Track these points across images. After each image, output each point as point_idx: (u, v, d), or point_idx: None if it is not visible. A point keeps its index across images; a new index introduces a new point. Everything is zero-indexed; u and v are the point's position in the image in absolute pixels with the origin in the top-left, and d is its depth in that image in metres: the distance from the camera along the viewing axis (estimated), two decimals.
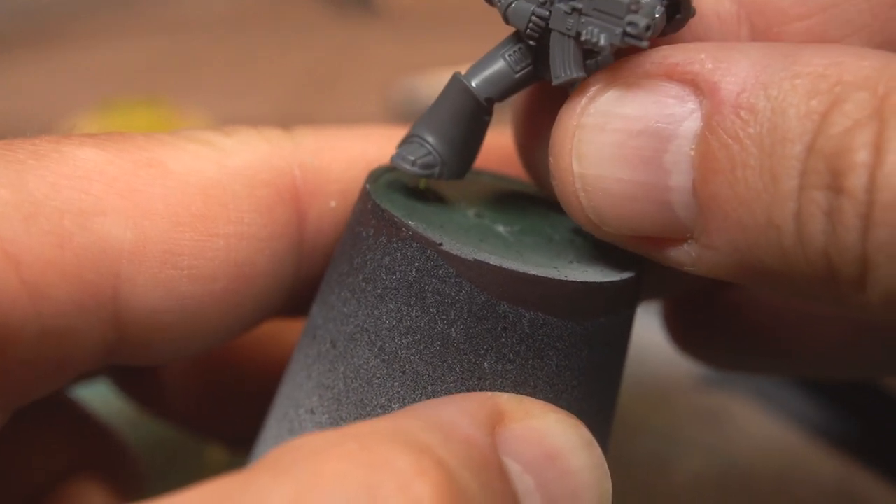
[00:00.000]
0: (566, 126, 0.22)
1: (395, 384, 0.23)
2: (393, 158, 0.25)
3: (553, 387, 0.23)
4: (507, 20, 0.24)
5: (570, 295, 0.22)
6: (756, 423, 0.41)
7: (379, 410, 0.23)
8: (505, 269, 0.22)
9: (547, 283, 0.22)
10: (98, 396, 0.32)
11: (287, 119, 0.80)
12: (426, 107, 0.26)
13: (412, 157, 0.25)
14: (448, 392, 0.22)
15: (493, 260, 0.22)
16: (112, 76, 0.78)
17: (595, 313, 0.23)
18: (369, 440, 0.18)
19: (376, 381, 0.23)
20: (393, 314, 0.23)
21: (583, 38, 0.22)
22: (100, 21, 0.87)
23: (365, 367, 0.23)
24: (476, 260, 0.22)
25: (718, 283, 0.24)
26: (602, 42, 0.22)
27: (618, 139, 0.22)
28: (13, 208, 0.21)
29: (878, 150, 0.18)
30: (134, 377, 0.31)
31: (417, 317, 0.22)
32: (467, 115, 0.25)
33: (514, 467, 0.20)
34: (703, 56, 0.21)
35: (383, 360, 0.23)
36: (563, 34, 0.22)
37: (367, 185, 0.24)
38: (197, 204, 0.24)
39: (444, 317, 0.22)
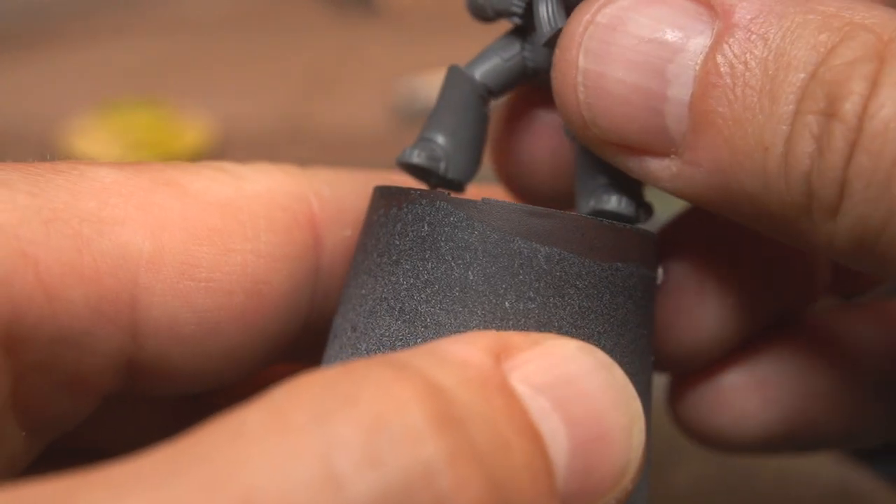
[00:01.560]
0: (580, 20, 0.23)
1: (419, 341, 0.22)
2: (398, 158, 0.25)
3: (578, 329, 0.23)
4: (493, 11, 0.25)
5: (581, 229, 0.23)
6: None
7: None
8: (514, 205, 0.22)
9: (557, 217, 0.22)
10: None
11: (287, 119, 0.80)
12: (426, 107, 0.27)
13: (417, 151, 0.25)
14: None
15: (502, 201, 0.22)
16: (112, 76, 0.78)
17: (610, 255, 0.23)
18: (351, 365, 0.18)
19: (399, 343, 0.23)
20: (409, 273, 0.23)
21: None
22: (100, 21, 0.87)
23: (387, 334, 0.23)
24: (485, 199, 0.22)
25: None
26: None
27: (627, 42, 0.22)
28: (33, 212, 0.22)
29: (874, 83, 0.19)
30: None
31: (433, 268, 0.23)
32: (467, 105, 0.26)
33: (524, 390, 0.19)
34: None
35: (404, 321, 0.23)
36: None
37: (373, 189, 0.25)
38: (214, 219, 0.24)
39: (459, 262, 0.22)
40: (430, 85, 0.68)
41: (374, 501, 0.16)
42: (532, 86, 0.27)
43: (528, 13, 0.25)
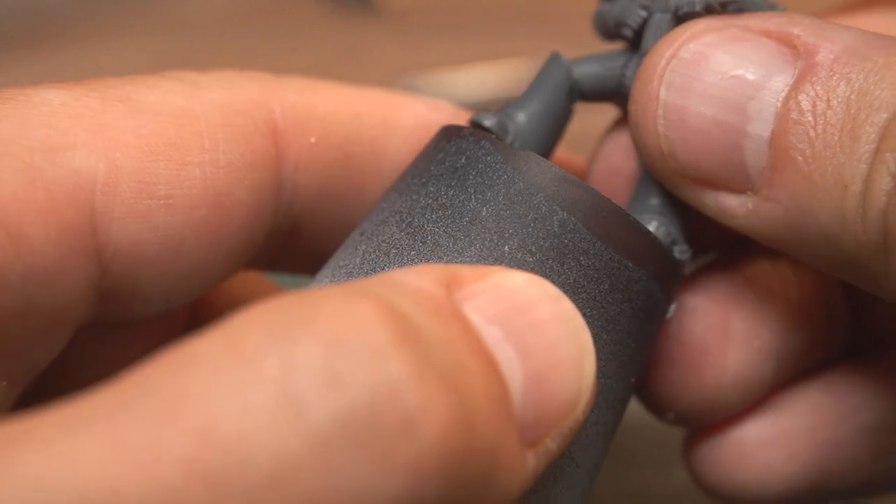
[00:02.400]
0: (662, 54, 0.23)
1: (413, 253, 0.23)
2: (472, 117, 0.26)
3: None
4: (613, 22, 0.26)
5: (605, 211, 0.23)
6: None
7: None
8: (552, 167, 0.23)
9: (586, 189, 0.23)
10: None
11: None
12: None
13: (491, 115, 0.26)
14: None
15: (543, 159, 0.23)
16: (113, 76, 0.78)
17: (624, 249, 0.23)
18: (306, 291, 0.17)
19: (394, 251, 0.23)
20: (431, 194, 0.23)
21: (681, 11, 0.24)
22: (101, 21, 0.87)
23: (386, 241, 0.23)
24: (527, 151, 0.23)
25: None
26: (697, 8, 0.24)
27: (710, 77, 0.22)
28: None
29: None
30: None
31: (454, 195, 0.23)
32: (554, 94, 0.26)
33: (476, 319, 0.19)
34: (806, 22, 0.22)
35: (408, 233, 0.23)
36: (662, 13, 0.25)
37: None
38: (169, 133, 0.24)
39: (479, 196, 0.23)
40: (430, 85, 0.68)
41: (337, 424, 0.15)
42: (618, 107, 0.27)
43: (641, 34, 0.25)
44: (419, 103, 0.29)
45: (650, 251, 0.24)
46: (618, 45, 0.27)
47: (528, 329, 0.19)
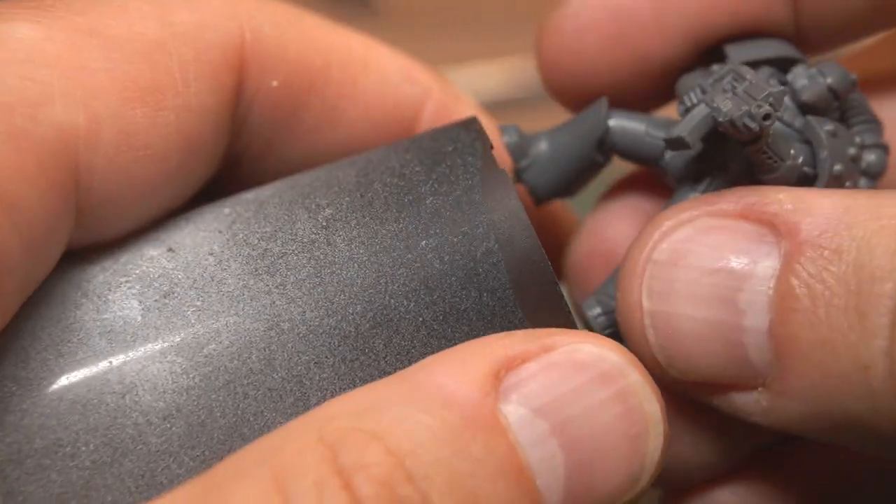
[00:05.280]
0: (636, 259, 0.22)
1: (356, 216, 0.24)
2: (503, 125, 0.26)
3: None
4: (680, 91, 0.25)
5: (533, 265, 0.22)
6: None
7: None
8: (514, 199, 0.23)
9: (530, 237, 0.23)
10: None
11: None
12: None
13: (513, 133, 0.25)
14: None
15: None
16: None
17: (530, 307, 0.22)
18: (325, 432, 0.17)
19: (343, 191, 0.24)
20: (401, 161, 0.24)
21: (718, 116, 0.22)
22: None
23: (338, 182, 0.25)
24: (505, 174, 0.23)
25: None
26: (721, 118, 0.22)
27: (692, 276, 0.21)
28: None
29: None
30: None
31: (417, 172, 0.24)
32: (585, 137, 0.25)
33: (520, 414, 0.18)
34: (781, 196, 0.20)
35: (361, 182, 0.24)
36: (704, 105, 0.22)
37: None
38: (144, 76, 0.23)
39: (435, 185, 0.24)
40: None
41: None
42: (651, 169, 0.26)
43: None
44: (395, 74, 0.28)
45: (556, 322, 0.22)
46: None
47: (580, 417, 0.18)
